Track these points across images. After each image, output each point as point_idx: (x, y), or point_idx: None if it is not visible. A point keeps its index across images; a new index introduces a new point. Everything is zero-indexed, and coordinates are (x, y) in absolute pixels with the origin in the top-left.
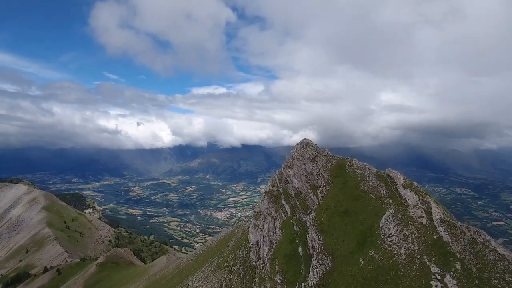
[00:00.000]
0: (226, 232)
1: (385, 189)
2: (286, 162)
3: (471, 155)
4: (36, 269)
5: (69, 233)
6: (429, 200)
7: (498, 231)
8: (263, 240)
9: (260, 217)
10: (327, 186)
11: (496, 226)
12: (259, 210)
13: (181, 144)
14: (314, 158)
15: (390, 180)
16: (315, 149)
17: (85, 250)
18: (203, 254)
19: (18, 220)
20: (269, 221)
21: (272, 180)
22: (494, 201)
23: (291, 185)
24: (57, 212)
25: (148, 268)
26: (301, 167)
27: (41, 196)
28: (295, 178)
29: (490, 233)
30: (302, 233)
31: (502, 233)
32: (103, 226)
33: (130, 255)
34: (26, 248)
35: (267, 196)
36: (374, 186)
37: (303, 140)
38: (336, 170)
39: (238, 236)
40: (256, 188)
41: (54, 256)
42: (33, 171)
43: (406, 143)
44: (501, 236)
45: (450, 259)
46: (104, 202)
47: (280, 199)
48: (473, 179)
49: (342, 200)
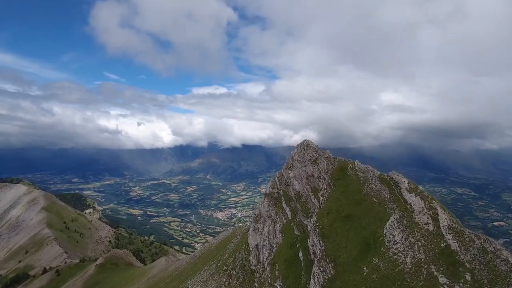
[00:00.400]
0: (225, 234)
1: (389, 193)
2: (286, 164)
3: (472, 155)
4: (35, 270)
5: (69, 233)
6: (436, 205)
7: (499, 232)
8: (263, 244)
9: (260, 220)
10: (329, 189)
11: (497, 226)
12: (259, 212)
13: (181, 144)
14: (315, 160)
15: (394, 183)
16: (316, 151)
17: (84, 250)
18: (202, 257)
19: (18, 221)
20: (269, 224)
21: (272, 181)
22: (495, 202)
23: (292, 187)
24: (57, 213)
25: (147, 269)
26: (301, 169)
27: (41, 196)
28: (296, 180)
29: (491, 233)
30: (303, 238)
31: (503, 233)
32: (103, 227)
33: (129, 256)
34: (26, 249)
35: (267, 198)
36: (378, 189)
37: (303, 141)
38: (337, 173)
39: (237, 239)
40: (257, 188)
41: (53, 257)
42: (33, 171)
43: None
44: (502, 237)
45: (459, 269)
46: (105, 202)
47: (280, 202)
48: (474, 179)
49: (344, 204)
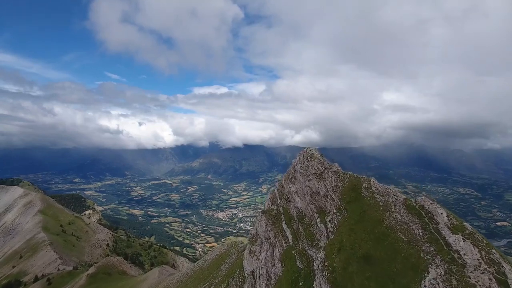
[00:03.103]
0: (219, 250)
1: (421, 229)
2: (287, 174)
3: (475, 155)
4: (28, 276)
5: (65, 237)
6: (498, 257)
7: (502, 232)
8: (259, 272)
9: (257, 241)
10: (339, 215)
11: (500, 226)
12: (255, 232)
13: (182, 144)
14: (321, 174)
15: (426, 214)
16: (322, 163)
17: (81, 255)
18: (194, 276)
19: (14, 224)
20: (267, 249)
21: (272, 195)
22: (497, 201)
23: (293, 205)
24: (53, 216)
25: (139, 282)
26: (304, 183)
27: (37, 199)
28: (298, 197)
29: (494, 233)
30: (307, 274)
31: (506, 233)
32: (100, 230)
33: (123, 265)
34: (20, 254)
35: (265, 216)
36: (404, 221)
37: (306, 150)
38: (349, 193)
39: (232, 259)
40: (258, 188)
41: (47, 263)
42: (35, 171)
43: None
44: (505, 237)
45: None
46: (106, 202)
47: (280, 221)
48: (477, 179)
49: (361, 238)
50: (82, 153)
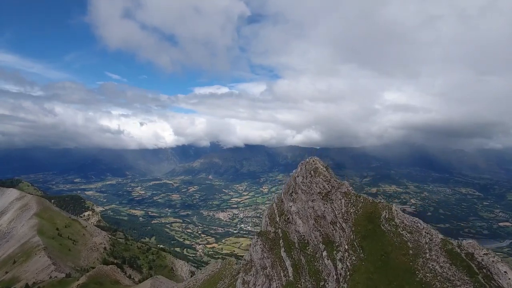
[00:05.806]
0: (212, 269)
1: (470, 283)
2: (287, 186)
3: (477, 155)
4: (20, 283)
5: (61, 241)
6: None
7: (504, 232)
8: None
9: (251, 270)
10: (352, 254)
11: (502, 227)
12: (249, 259)
13: (183, 144)
14: (327, 194)
15: (479, 269)
16: (328, 180)
17: (77, 259)
18: None
19: (8, 228)
20: (262, 282)
21: (270, 210)
22: (500, 202)
23: (294, 228)
24: (49, 219)
25: None
26: (307, 203)
27: (33, 201)
28: (300, 219)
29: (496, 234)
30: None
31: (508, 234)
32: (98, 232)
33: (116, 273)
34: (14, 259)
35: (261, 240)
36: (447, 277)
37: (309, 161)
38: (364, 224)
39: (224, 284)
40: (259, 189)
41: (40, 269)
42: (36, 171)
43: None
44: (507, 238)
45: None
46: (107, 203)
47: (278, 247)
48: (479, 179)
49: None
50: (83, 153)
